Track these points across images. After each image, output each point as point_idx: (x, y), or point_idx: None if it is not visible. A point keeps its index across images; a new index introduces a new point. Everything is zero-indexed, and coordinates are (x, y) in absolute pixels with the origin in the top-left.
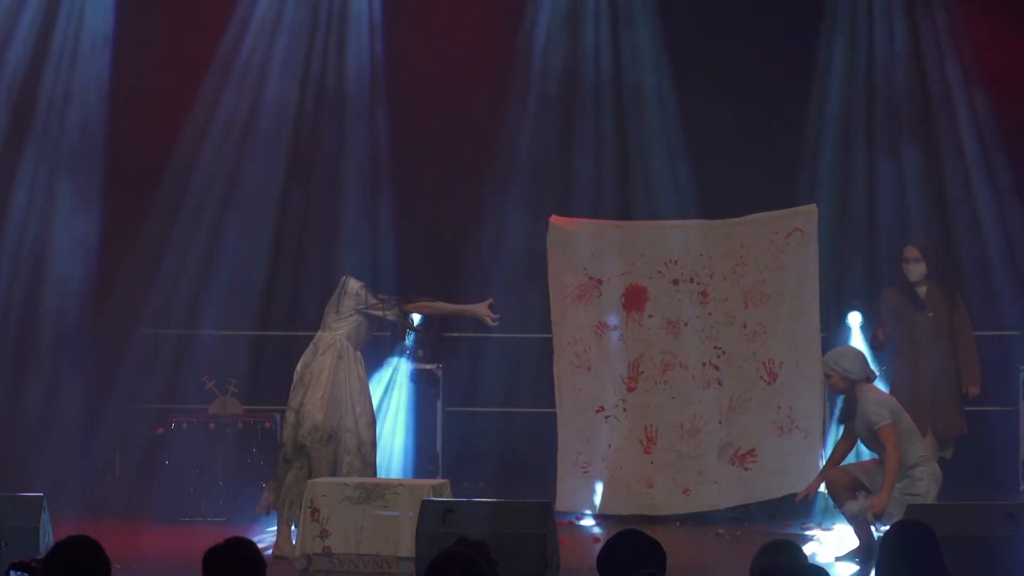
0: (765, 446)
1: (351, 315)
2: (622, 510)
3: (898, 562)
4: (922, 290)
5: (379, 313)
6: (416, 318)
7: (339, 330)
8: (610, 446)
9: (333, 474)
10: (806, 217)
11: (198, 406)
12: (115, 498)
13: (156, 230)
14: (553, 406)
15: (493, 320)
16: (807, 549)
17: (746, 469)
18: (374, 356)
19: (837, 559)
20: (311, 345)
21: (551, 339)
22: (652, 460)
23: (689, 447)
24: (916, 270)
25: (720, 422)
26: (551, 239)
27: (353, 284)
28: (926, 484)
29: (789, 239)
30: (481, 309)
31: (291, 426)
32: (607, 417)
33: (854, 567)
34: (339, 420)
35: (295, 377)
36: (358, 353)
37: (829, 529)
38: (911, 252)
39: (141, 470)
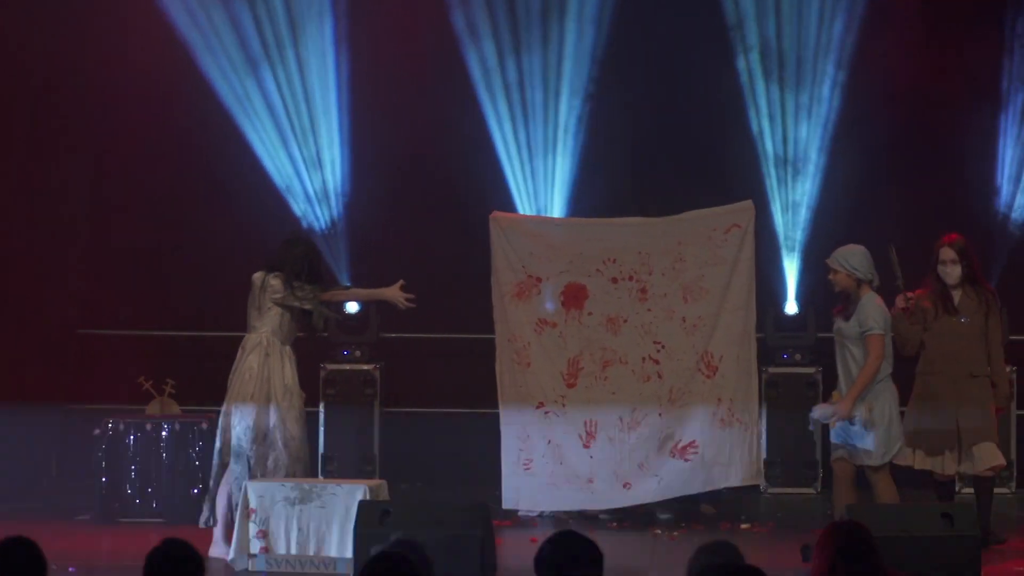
0: (705, 438)
1: (270, 309)
2: (564, 505)
3: (834, 562)
4: (957, 294)
5: (296, 303)
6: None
7: (263, 328)
8: (550, 442)
9: (265, 472)
10: (743, 213)
11: (135, 407)
12: (52, 499)
13: (90, 230)
14: (490, 407)
15: (407, 302)
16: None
17: (687, 461)
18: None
19: (804, 547)
20: (239, 348)
21: (489, 339)
22: (592, 454)
23: (629, 439)
24: (953, 272)
25: (660, 415)
26: (493, 235)
27: (267, 278)
28: (886, 400)
29: (727, 235)
30: (393, 292)
31: (223, 429)
32: (547, 413)
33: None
34: (267, 417)
35: (228, 381)
36: (287, 348)
37: (765, 527)
38: (947, 253)
39: (78, 471)
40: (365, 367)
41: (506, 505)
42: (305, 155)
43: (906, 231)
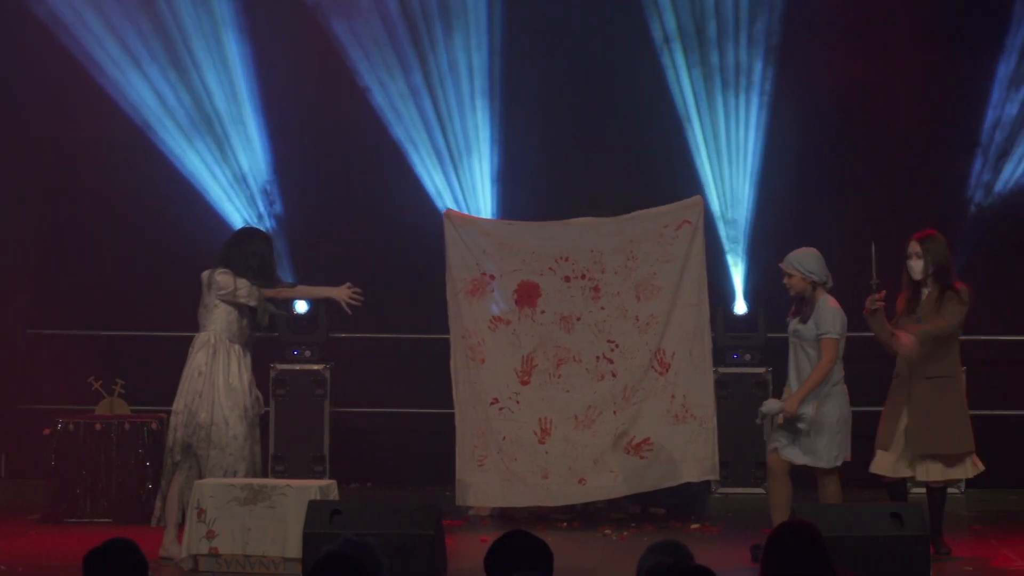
0: (660, 435)
1: (217, 306)
2: (519, 502)
3: (783, 561)
4: (924, 291)
5: (243, 300)
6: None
7: (211, 326)
8: (505, 438)
9: (208, 471)
10: (693, 209)
11: (85, 407)
12: (1, 499)
13: (39, 230)
14: (441, 407)
15: (353, 301)
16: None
17: (642, 458)
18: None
19: (753, 547)
20: (190, 347)
21: (439, 339)
22: (547, 451)
23: (584, 437)
24: (916, 267)
25: (615, 412)
26: (447, 232)
27: (213, 275)
28: (836, 403)
29: (678, 231)
30: (341, 293)
31: (173, 428)
32: (501, 409)
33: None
34: (209, 416)
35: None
36: (236, 347)
37: (715, 527)
38: (913, 247)
39: (27, 471)
40: (315, 367)
41: (459, 502)
42: (248, 155)
43: (859, 230)
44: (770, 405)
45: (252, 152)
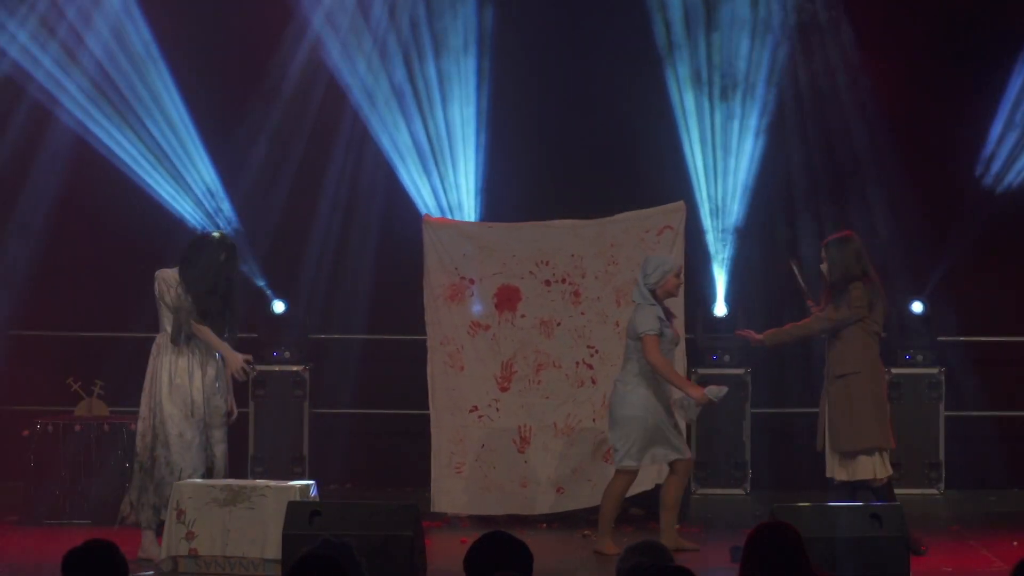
0: None
1: (163, 308)
2: (496, 510)
3: (762, 562)
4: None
5: (167, 304)
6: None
7: (165, 328)
8: (484, 446)
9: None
10: (675, 214)
11: (64, 408)
12: None
13: (17, 232)
14: (420, 408)
15: (239, 376)
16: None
17: None
18: None
19: (733, 548)
20: None
21: (418, 340)
22: (526, 459)
23: (563, 445)
24: (824, 270)
25: (594, 420)
26: (426, 238)
27: (161, 274)
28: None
29: (660, 237)
30: (235, 361)
31: (140, 434)
32: (480, 417)
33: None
34: (158, 417)
35: None
36: (186, 347)
37: (696, 528)
38: (822, 252)
39: (5, 472)
40: (294, 368)
41: (435, 508)
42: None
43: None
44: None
45: (232, 153)
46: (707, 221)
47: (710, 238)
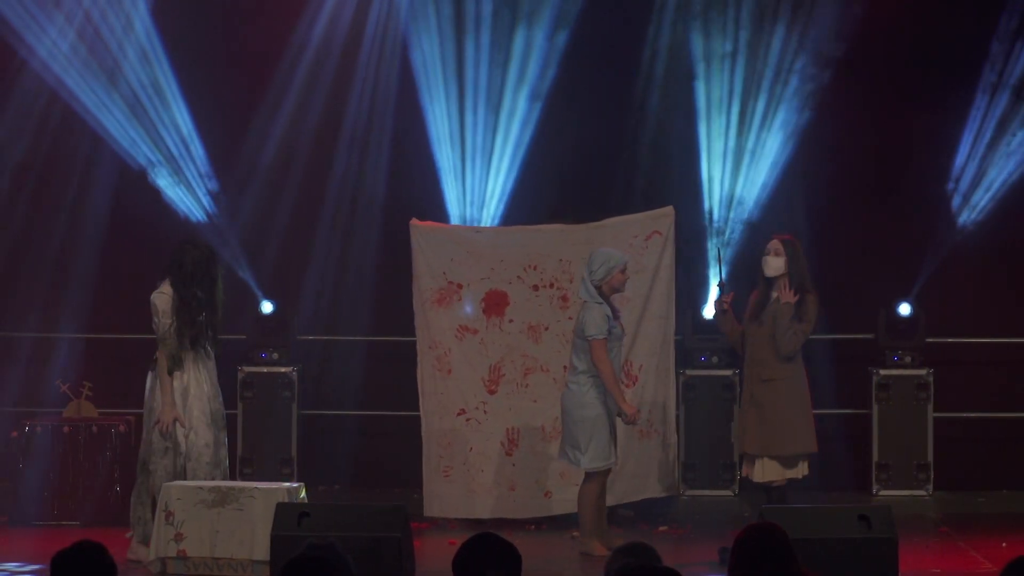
0: (626, 449)
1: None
2: (484, 513)
3: (750, 563)
4: (774, 293)
5: (159, 342)
6: None
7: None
8: (472, 449)
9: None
10: (664, 220)
11: (53, 409)
12: None
13: (5, 232)
14: (409, 409)
15: (164, 429)
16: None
17: None
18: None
19: (721, 550)
20: None
21: (407, 341)
22: (514, 463)
23: (551, 449)
24: (774, 264)
25: None
26: (414, 242)
27: (153, 300)
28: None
29: (648, 242)
30: (166, 415)
31: (161, 450)
32: (468, 420)
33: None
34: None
35: None
36: (190, 353)
37: (683, 529)
38: (774, 245)
39: None
40: (283, 369)
41: (427, 512)
42: (227, 157)
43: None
44: None
45: (224, 153)
46: (715, 230)
47: (715, 246)
